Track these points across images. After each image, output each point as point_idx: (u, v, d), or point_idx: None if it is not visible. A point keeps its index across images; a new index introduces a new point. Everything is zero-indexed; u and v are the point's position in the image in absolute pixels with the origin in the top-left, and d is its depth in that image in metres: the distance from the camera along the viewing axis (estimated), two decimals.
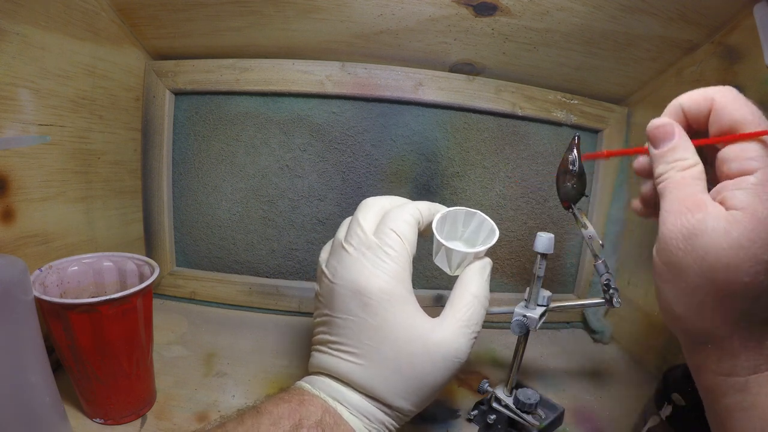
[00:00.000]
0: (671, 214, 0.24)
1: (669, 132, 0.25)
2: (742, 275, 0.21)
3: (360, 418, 0.29)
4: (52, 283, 0.37)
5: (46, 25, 0.39)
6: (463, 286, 0.32)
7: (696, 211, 0.23)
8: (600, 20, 0.45)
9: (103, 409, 0.36)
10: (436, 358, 0.29)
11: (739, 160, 0.23)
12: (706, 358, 0.24)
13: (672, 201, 0.24)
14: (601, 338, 0.57)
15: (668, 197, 0.24)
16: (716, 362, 0.24)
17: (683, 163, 0.24)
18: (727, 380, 0.23)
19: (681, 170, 0.24)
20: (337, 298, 0.31)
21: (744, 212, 0.21)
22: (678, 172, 0.24)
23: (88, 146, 0.47)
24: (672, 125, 0.25)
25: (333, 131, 0.55)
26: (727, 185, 0.23)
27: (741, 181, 0.22)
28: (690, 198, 0.23)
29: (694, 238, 0.22)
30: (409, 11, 0.46)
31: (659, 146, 0.26)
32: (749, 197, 0.22)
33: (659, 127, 0.26)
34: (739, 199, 0.22)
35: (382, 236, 0.31)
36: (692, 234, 0.22)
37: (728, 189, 0.23)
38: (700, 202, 0.23)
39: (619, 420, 0.43)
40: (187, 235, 0.59)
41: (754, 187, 0.22)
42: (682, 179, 0.24)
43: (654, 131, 0.26)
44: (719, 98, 0.24)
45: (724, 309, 0.23)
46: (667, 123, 0.25)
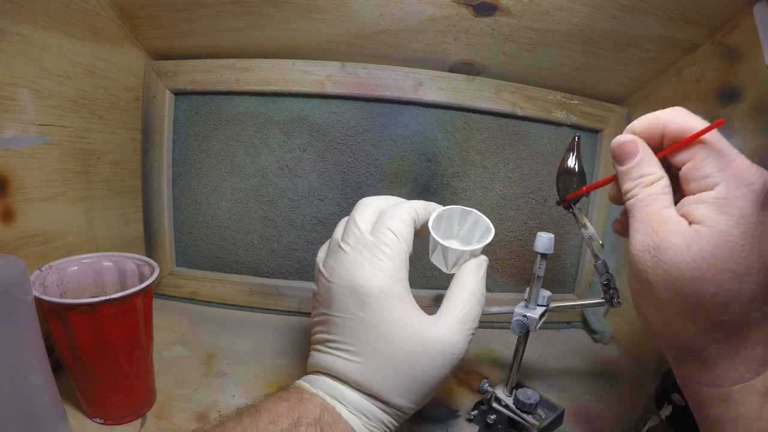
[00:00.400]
0: (638, 233, 0.25)
1: (632, 148, 0.26)
2: (708, 286, 0.22)
3: (358, 416, 0.29)
4: (52, 283, 0.37)
5: (46, 25, 0.39)
6: (459, 283, 0.33)
7: (660, 229, 0.24)
8: (600, 20, 0.45)
9: (103, 409, 0.36)
10: (434, 355, 0.29)
11: (697, 180, 0.24)
12: (689, 370, 0.25)
13: (638, 220, 0.25)
14: (601, 338, 0.57)
15: (635, 216, 0.26)
16: (699, 373, 0.25)
17: (648, 178, 0.25)
18: (711, 391, 0.24)
19: (646, 186, 0.25)
20: (335, 297, 0.31)
21: (705, 225, 0.22)
22: (643, 189, 0.25)
23: (88, 146, 0.47)
24: (635, 141, 0.26)
25: (333, 131, 0.55)
26: (690, 200, 0.24)
27: (701, 197, 0.23)
28: (654, 215, 0.24)
29: (659, 254, 0.23)
30: (409, 11, 0.46)
31: (624, 163, 0.27)
32: (709, 211, 0.23)
33: (622, 144, 0.27)
34: (701, 213, 0.23)
35: (379, 235, 0.31)
36: (657, 251, 0.23)
37: (690, 203, 0.24)
38: (664, 219, 0.24)
39: (619, 420, 0.43)
40: (187, 235, 0.59)
41: (713, 201, 0.23)
42: (647, 196, 0.25)
43: (618, 149, 0.27)
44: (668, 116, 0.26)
45: (695, 320, 0.23)
46: (629, 140, 0.26)
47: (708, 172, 0.23)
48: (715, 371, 0.24)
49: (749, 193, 0.22)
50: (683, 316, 0.24)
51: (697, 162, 0.24)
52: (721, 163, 0.23)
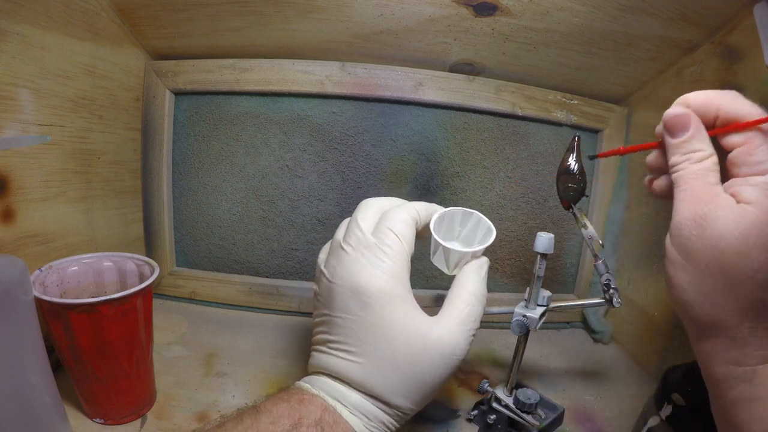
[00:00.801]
0: (685, 202, 0.25)
1: (686, 122, 0.26)
2: (752, 263, 0.22)
3: (359, 416, 0.29)
4: (52, 283, 0.37)
5: (46, 25, 0.39)
6: (460, 284, 0.33)
7: (709, 200, 0.24)
8: (600, 20, 0.45)
9: (103, 409, 0.36)
10: (435, 356, 0.29)
11: (749, 165, 0.24)
12: (714, 346, 0.25)
13: (686, 190, 0.25)
14: (601, 338, 0.57)
15: (683, 187, 0.25)
16: (725, 351, 0.24)
17: (699, 154, 0.25)
18: (735, 370, 0.24)
19: (696, 162, 0.25)
20: (336, 298, 0.31)
21: (754, 206, 0.23)
22: (693, 164, 0.25)
23: (88, 146, 0.47)
24: (689, 115, 0.26)
25: (333, 131, 0.55)
26: (738, 181, 0.24)
27: (751, 180, 0.24)
28: (704, 188, 0.24)
29: (707, 224, 0.23)
30: (409, 11, 0.46)
31: (676, 136, 0.26)
32: (759, 193, 0.23)
33: (677, 116, 0.26)
34: (750, 194, 0.23)
35: (381, 236, 0.31)
36: (705, 221, 0.23)
37: (739, 184, 0.24)
38: (713, 193, 0.24)
39: (619, 420, 0.43)
40: (187, 235, 0.59)
41: (763, 185, 0.23)
42: (697, 170, 0.25)
43: (671, 120, 0.26)
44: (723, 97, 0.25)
45: (734, 296, 0.23)
46: (684, 113, 0.26)
47: (761, 159, 0.23)
48: (743, 350, 0.24)
49: None
50: (721, 289, 0.23)
51: (750, 147, 0.24)
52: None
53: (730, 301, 0.23)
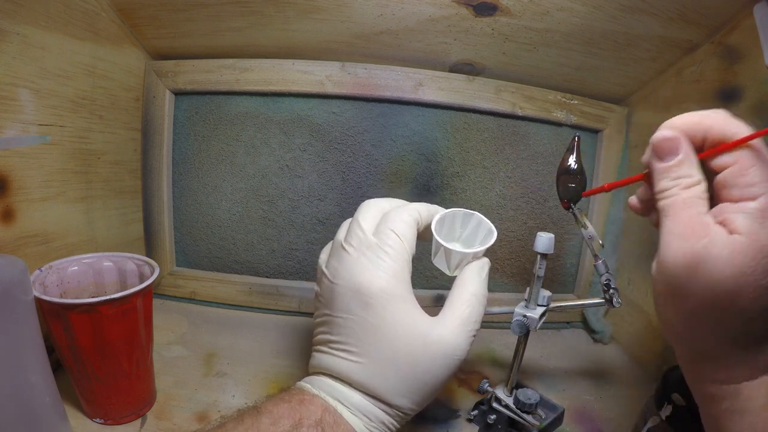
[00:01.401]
0: (675, 237, 0.23)
1: (676, 145, 0.24)
2: (742, 300, 0.21)
3: (360, 417, 0.29)
4: (52, 283, 0.37)
5: (46, 25, 0.39)
6: (461, 285, 0.33)
7: (701, 236, 0.22)
8: (600, 20, 0.45)
9: (103, 409, 0.36)
10: (436, 356, 0.29)
11: (740, 187, 0.23)
12: (701, 368, 0.25)
13: (676, 223, 0.24)
14: (601, 338, 0.57)
15: (672, 218, 0.24)
16: (712, 372, 0.24)
17: (688, 180, 0.24)
18: (721, 387, 0.24)
19: (685, 188, 0.24)
20: (338, 298, 0.31)
21: (747, 237, 0.21)
22: (682, 191, 0.24)
23: (88, 146, 0.47)
24: (679, 139, 0.24)
25: (333, 131, 0.55)
26: (729, 207, 0.23)
27: (743, 206, 0.22)
28: (694, 220, 0.23)
29: (698, 264, 0.22)
30: (409, 11, 0.46)
31: (665, 159, 0.25)
32: (751, 222, 0.22)
33: (666, 140, 0.25)
34: (741, 224, 0.22)
35: (382, 236, 0.31)
36: (696, 260, 0.22)
37: (730, 211, 0.23)
38: (705, 226, 0.23)
39: (619, 420, 0.43)
40: (187, 235, 0.59)
41: (756, 212, 0.22)
42: (687, 199, 0.24)
43: (660, 143, 0.25)
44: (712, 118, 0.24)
45: (722, 329, 0.23)
46: (674, 136, 0.25)
47: (752, 181, 0.22)
48: (730, 372, 0.24)
49: None
50: (710, 324, 0.23)
51: (741, 168, 0.22)
52: (765, 172, 0.22)
53: (718, 334, 0.23)
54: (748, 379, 0.23)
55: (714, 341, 0.24)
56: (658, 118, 0.27)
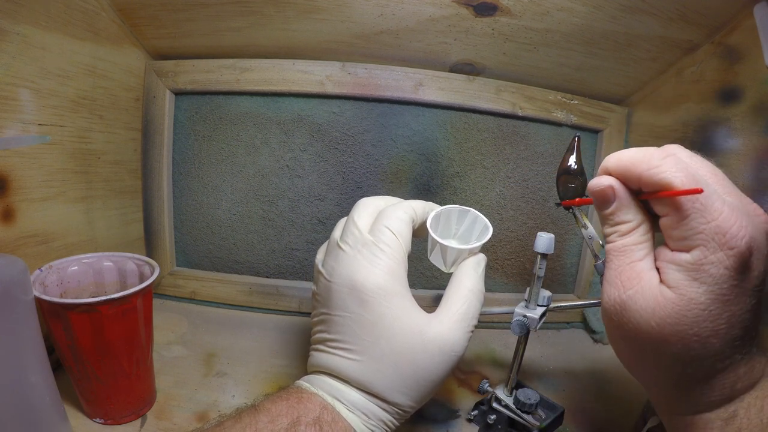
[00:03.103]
0: (609, 284, 0.25)
1: (609, 194, 0.25)
2: (671, 348, 0.22)
3: (358, 415, 0.29)
4: (52, 283, 0.37)
5: (46, 25, 0.39)
6: (458, 281, 0.33)
7: (629, 286, 0.24)
8: (600, 20, 0.45)
9: (103, 409, 0.36)
10: (434, 352, 0.29)
11: (674, 239, 0.23)
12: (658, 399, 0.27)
13: (610, 269, 0.25)
14: (601, 338, 0.57)
15: (609, 265, 0.26)
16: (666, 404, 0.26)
17: (625, 226, 0.25)
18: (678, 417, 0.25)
19: (622, 235, 0.25)
20: (335, 296, 0.31)
21: (674, 292, 0.22)
22: (619, 238, 0.25)
23: (88, 146, 0.47)
24: (611, 187, 0.25)
25: (333, 131, 0.55)
26: (666, 255, 0.23)
27: (676, 257, 0.23)
28: (626, 269, 0.24)
29: (626, 313, 0.24)
30: (410, 11, 0.46)
31: (601, 209, 0.26)
32: (682, 276, 0.22)
33: (599, 190, 0.25)
34: (672, 276, 0.22)
35: (378, 234, 0.31)
36: (623, 308, 0.24)
37: (666, 259, 0.23)
38: (635, 275, 0.24)
39: (619, 420, 0.43)
40: (187, 235, 0.59)
41: (687, 266, 0.22)
42: (622, 246, 0.25)
43: (594, 193, 0.26)
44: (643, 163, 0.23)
45: (661, 369, 0.24)
46: (606, 186, 0.25)
47: (684, 234, 0.22)
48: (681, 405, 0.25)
49: (726, 258, 0.21)
50: (651, 364, 0.24)
51: (674, 220, 0.22)
52: (700, 225, 0.21)
53: (660, 373, 0.24)
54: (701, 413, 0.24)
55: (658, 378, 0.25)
56: (658, 118, 0.27)
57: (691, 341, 0.22)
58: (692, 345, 0.22)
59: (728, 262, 0.21)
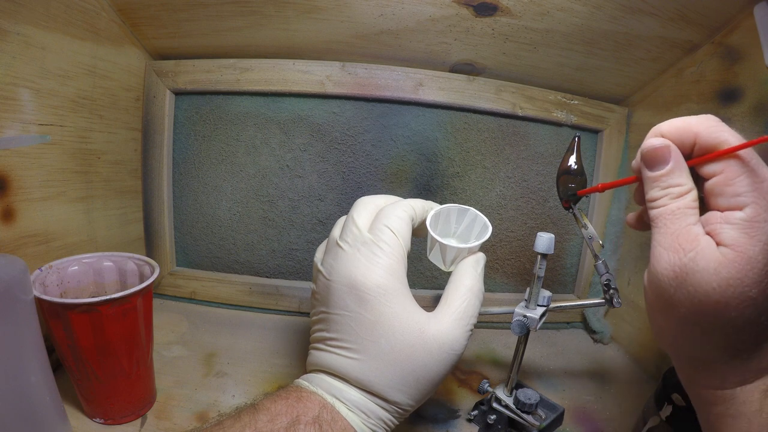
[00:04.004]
0: (664, 249, 0.24)
1: (665, 154, 0.25)
2: (730, 311, 0.22)
3: (358, 413, 0.29)
4: (52, 283, 0.37)
5: (46, 25, 0.39)
6: (457, 279, 0.33)
7: (688, 249, 0.23)
8: (600, 20, 0.45)
9: (103, 409, 0.36)
10: (433, 351, 0.29)
11: (727, 196, 0.23)
12: (695, 374, 0.26)
13: (665, 235, 0.24)
14: (601, 338, 0.57)
15: (662, 230, 0.24)
16: (706, 378, 0.25)
17: (678, 189, 0.24)
18: (715, 392, 0.24)
19: (675, 198, 0.24)
20: (334, 295, 0.31)
21: (733, 249, 0.22)
22: (672, 201, 0.24)
23: (88, 146, 0.47)
24: (669, 147, 0.25)
25: (333, 131, 0.55)
26: (716, 217, 0.23)
27: (730, 216, 0.22)
28: (683, 232, 0.23)
29: (686, 276, 0.23)
30: (410, 11, 0.46)
31: (654, 169, 0.25)
32: (738, 234, 0.22)
33: (655, 149, 0.25)
34: (728, 235, 0.22)
35: (377, 232, 0.31)
36: (684, 272, 0.23)
37: (717, 221, 0.23)
38: (692, 238, 0.23)
39: (619, 420, 0.43)
40: (187, 235, 0.59)
41: (742, 224, 0.22)
42: (676, 209, 0.24)
43: (649, 153, 0.25)
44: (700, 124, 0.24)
45: (712, 338, 0.23)
46: (663, 145, 0.25)
47: (739, 191, 0.22)
48: (723, 377, 0.24)
49: None
50: (700, 333, 0.24)
51: (728, 178, 0.23)
52: (753, 183, 0.22)
53: (709, 342, 0.24)
54: (740, 384, 0.24)
55: (704, 350, 0.24)
56: (658, 119, 0.27)
57: (748, 303, 0.22)
58: (749, 308, 0.22)
59: None
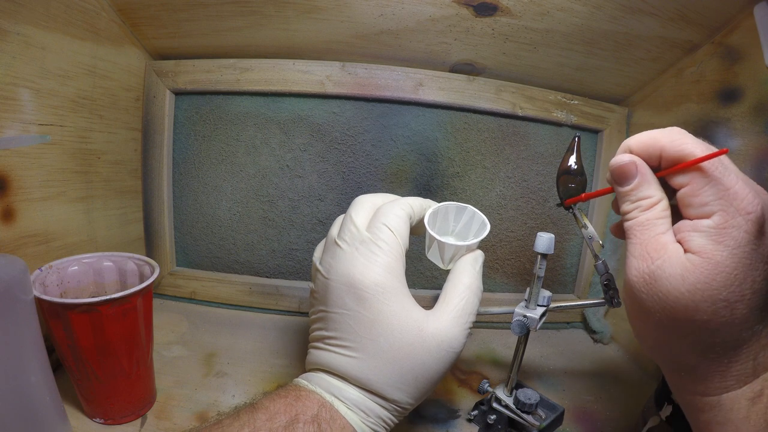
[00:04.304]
0: (634, 258, 0.25)
1: (632, 170, 0.26)
2: (701, 314, 0.22)
3: (357, 412, 0.29)
4: (52, 283, 0.37)
5: (46, 25, 0.39)
6: (456, 277, 0.33)
7: (656, 257, 0.24)
8: (600, 20, 0.45)
9: (103, 409, 0.36)
10: (432, 348, 0.29)
11: (695, 206, 0.24)
12: (681, 381, 0.26)
13: (635, 245, 0.25)
14: (601, 338, 0.57)
15: (632, 240, 0.26)
16: (691, 384, 0.25)
17: (647, 201, 0.25)
18: (702, 399, 0.25)
19: (644, 210, 0.25)
20: (332, 294, 0.31)
21: (700, 256, 0.23)
22: (641, 213, 0.26)
23: (88, 146, 0.47)
24: (634, 163, 0.26)
25: (333, 131, 0.55)
26: (686, 225, 0.24)
27: (698, 224, 0.23)
28: (651, 241, 0.25)
29: (654, 282, 0.24)
30: (410, 11, 0.46)
31: (623, 185, 0.26)
32: (705, 241, 0.23)
33: (620, 165, 0.26)
34: (696, 243, 0.23)
35: (375, 231, 0.31)
36: (652, 279, 0.24)
37: (687, 230, 0.24)
38: (661, 246, 0.24)
39: (619, 420, 0.43)
40: (187, 235, 0.59)
41: (710, 231, 0.23)
42: (645, 221, 0.25)
43: (616, 170, 0.26)
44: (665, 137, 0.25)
45: (689, 342, 0.24)
46: (628, 161, 0.26)
47: (705, 200, 0.23)
48: (707, 383, 0.24)
49: (745, 222, 0.22)
50: (677, 337, 0.24)
51: (694, 188, 0.23)
52: (719, 191, 0.23)
53: (687, 346, 0.24)
54: (726, 391, 0.24)
55: (684, 354, 0.25)
56: (658, 119, 0.27)
57: (720, 306, 0.22)
58: (721, 311, 0.22)
59: (747, 226, 0.22)
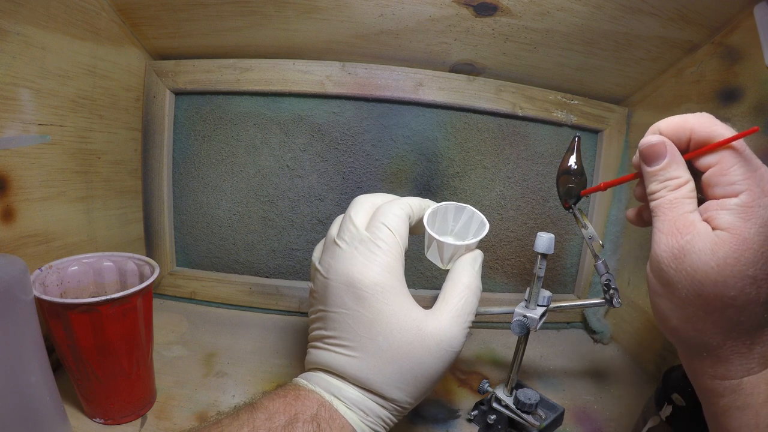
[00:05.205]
0: (663, 234, 0.25)
1: (661, 150, 0.26)
2: (729, 290, 0.23)
3: (356, 411, 0.29)
4: (52, 283, 0.37)
5: (46, 25, 0.39)
6: (455, 277, 0.33)
7: (685, 232, 0.24)
8: (600, 20, 0.45)
9: (103, 409, 0.36)
10: (431, 347, 0.29)
11: (722, 185, 0.24)
12: (701, 364, 0.26)
13: (664, 222, 0.26)
14: (601, 338, 0.57)
15: (660, 218, 0.26)
16: (711, 367, 0.25)
17: (675, 181, 0.26)
18: (722, 383, 0.25)
19: (672, 189, 0.26)
20: (331, 293, 0.31)
21: (729, 232, 0.23)
22: (670, 192, 0.26)
23: (88, 146, 0.47)
24: (664, 143, 0.26)
25: (333, 131, 0.55)
26: (713, 205, 0.24)
27: (725, 203, 0.24)
28: (680, 219, 0.25)
29: (684, 257, 0.24)
30: (410, 11, 0.46)
31: (652, 164, 0.27)
32: (733, 218, 0.23)
33: (652, 145, 0.27)
34: (724, 220, 0.23)
35: (374, 230, 0.31)
36: (682, 254, 0.24)
37: (714, 209, 0.24)
38: (690, 223, 0.25)
39: (619, 420, 0.43)
40: (187, 235, 0.59)
41: (737, 208, 0.23)
42: (674, 199, 0.26)
43: (646, 149, 0.27)
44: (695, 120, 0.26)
45: (714, 320, 0.24)
46: (659, 141, 0.26)
47: (734, 179, 0.24)
48: (728, 365, 0.25)
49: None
50: (702, 315, 0.24)
51: (723, 168, 0.24)
52: (747, 171, 0.23)
53: (711, 325, 0.24)
54: (746, 374, 0.24)
55: (707, 333, 0.25)
56: (658, 119, 0.27)
57: (747, 283, 0.22)
58: (747, 288, 0.23)
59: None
